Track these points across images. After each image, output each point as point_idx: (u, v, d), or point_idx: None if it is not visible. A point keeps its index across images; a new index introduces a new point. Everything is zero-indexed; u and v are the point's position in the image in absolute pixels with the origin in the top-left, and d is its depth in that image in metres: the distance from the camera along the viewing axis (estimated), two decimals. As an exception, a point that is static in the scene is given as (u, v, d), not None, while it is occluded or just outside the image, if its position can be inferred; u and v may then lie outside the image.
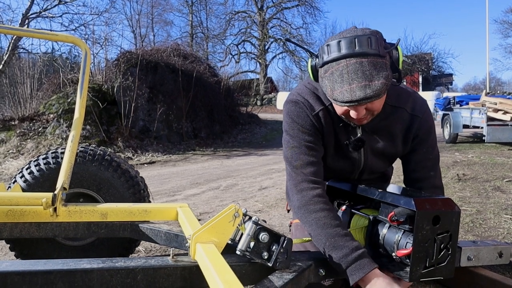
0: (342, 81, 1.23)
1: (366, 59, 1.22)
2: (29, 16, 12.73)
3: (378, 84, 1.21)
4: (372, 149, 1.54)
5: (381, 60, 1.24)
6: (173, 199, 4.39)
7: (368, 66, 1.22)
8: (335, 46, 1.26)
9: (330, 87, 1.26)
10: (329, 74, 1.27)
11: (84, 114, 2.05)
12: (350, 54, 1.23)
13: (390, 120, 1.49)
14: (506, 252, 1.65)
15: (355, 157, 1.55)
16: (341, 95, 1.23)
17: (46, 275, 1.09)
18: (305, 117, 1.47)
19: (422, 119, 1.51)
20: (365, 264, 1.23)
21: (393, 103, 1.48)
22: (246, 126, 14.37)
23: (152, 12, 31.33)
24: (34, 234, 1.71)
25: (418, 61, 29.62)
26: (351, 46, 1.23)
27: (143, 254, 2.52)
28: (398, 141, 1.53)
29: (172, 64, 11.31)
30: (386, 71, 1.24)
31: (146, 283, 1.17)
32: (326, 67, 1.29)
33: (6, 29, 2.25)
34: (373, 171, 1.64)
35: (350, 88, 1.21)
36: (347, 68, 1.23)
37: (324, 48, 1.29)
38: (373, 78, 1.21)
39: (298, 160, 1.45)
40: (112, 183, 2.04)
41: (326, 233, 1.30)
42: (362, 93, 1.20)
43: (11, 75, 11.51)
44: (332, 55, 1.26)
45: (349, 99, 1.22)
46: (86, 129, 8.91)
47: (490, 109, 8.64)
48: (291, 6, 31.96)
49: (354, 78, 1.21)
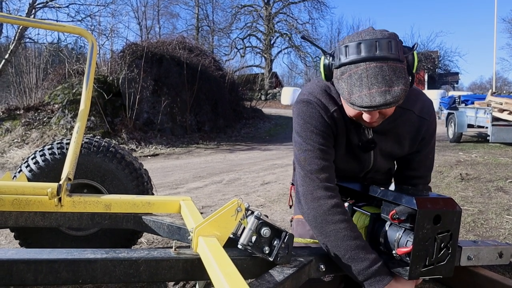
0: (361, 85, 1.19)
1: (386, 64, 1.18)
2: (35, 5, 12.75)
3: (398, 90, 1.17)
4: (381, 150, 1.54)
5: (400, 65, 1.21)
6: (176, 192, 4.41)
7: (388, 71, 1.18)
8: (354, 48, 1.21)
9: (348, 90, 1.22)
10: (346, 76, 1.22)
11: (89, 106, 2.06)
12: (370, 57, 1.19)
13: (398, 122, 1.48)
14: (506, 253, 1.65)
15: (365, 158, 1.55)
16: (360, 99, 1.19)
17: (50, 264, 1.11)
18: (319, 117, 1.41)
19: (429, 122, 1.51)
20: (383, 277, 1.26)
21: (402, 105, 1.45)
22: (250, 120, 14.36)
23: (158, 4, 31.27)
24: (39, 223, 1.73)
25: (424, 59, 29.43)
26: (371, 50, 1.19)
27: (145, 245, 2.54)
28: (405, 143, 1.53)
29: (177, 57, 11.29)
30: (405, 77, 1.21)
31: (148, 274, 1.19)
32: (343, 69, 1.24)
33: (14, 19, 2.26)
34: (379, 170, 1.65)
35: (370, 93, 1.17)
36: (367, 72, 1.18)
37: (342, 49, 1.24)
38: (393, 84, 1.17)
39: (313, 165, 1.39)
40: (116, 175, 2.06)
41: (346, 245, 1.28)
42: (382, 99, 1.17)
43: (17, 65, 11.55)
44: (351, 57, 1.21)
45: (369, 104, 1.18)
46: (91, 120, 8.94)
47: (496, 109, 8.59)
48: (298, 1, 31.79)
49: (374, 83, 1.17)
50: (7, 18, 2.18)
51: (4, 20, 2.25)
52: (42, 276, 1.10)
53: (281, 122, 15.16)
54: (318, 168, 1.39)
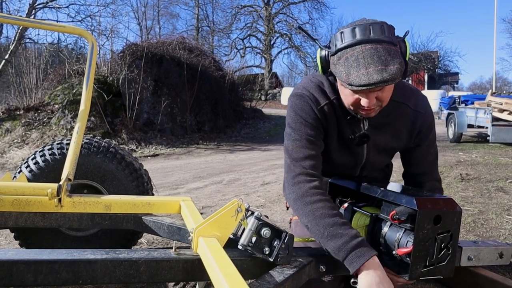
0: (358, 66, 1.23)
1: (381, 46, 1.23)
2: (35, 6, 12.76)
3: (394, 69, 1.21)
4: (375, 145, 1.55)
5: (394, 47, 1.26)
6: (176, 192, 4.41)
7: (383, 52, 1.23)
8: (349, 33, 1.26)
9: (346, 72, 1.25)
10: (343, 60, 1.27)
11: (89, 106, 2.06)
12: (365, 40, 1.24)
13: (393, 115, 1.51)
14: (507, 253, 1.65)
15: (358, 152, 1.56)
16: (358, 78, 1.22)
17: (50, 265, 1.11)
18: (310, 110, 1.46)
19: (425, 115, 1.53)
20: (364, 252, 1.21)
21: (397, 98, 1.49)
22: (250, 121, 14.36)
23: (158, 5, 31.28)
24: (39, 224, 1.73)
25: (424, 59, 29.43)
26: (365, 33, 1.24)
27: (145, 246, 2.54)
28: (401, 137, 1.55)
29: (177, 57, 11.29)
30: (399, 58, 1.25)
31: (148, 274, 1.19)
32: (339, 54, 1.28)
33: (14, 19, 2.26)
34: (374, 166, 1.65)
35: (367, 72, 1.21)
36: (363, 53, 1.23)
37: (337, 35, 1.30)
38: (388, 63, 1.22)
39: (299, 153, 1.44)
40: (116, 175, 2.06)
41: (324, 223, 1.29)
42: (379, 76, 1.20)
43: (17, 65, 11.55)
44: (346, 42, 1.26)
45: (366, 82, 1.21)
46: (91, 120, 8.94)
47: (496, 109, 8.60)
48: (298, 1, 31.79)
49: (370, 62, 1.22)
50: (7, 18, 2.18)
51: (4, 20, 2.25)
52: (42, 276, 1.10)
53: (281, 123, 15.15)
54: (303, 156, 1.43)
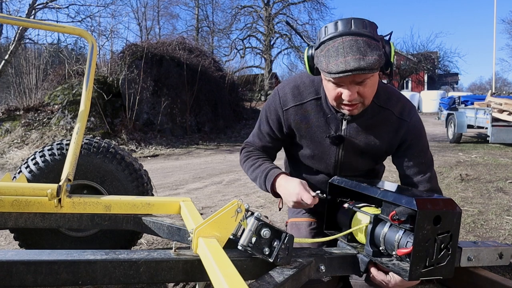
0: (337, 55, 1.26)
1: (361, 38, 1.27)
2: (35, 6, 12.76)
3: (372, 59, 1.24)
4: (353, 147, 1.56)
5: (374, 42, 1.28)
6: (175, 193, 4.41)
7: (362, 43, 1.26)
8: (332, 26, 1.31)
9: (325, 61, 1.29)
10: (325, 51, 1.30)
11: (89, 106, 2.06)
12: (346, 32, 1.27)
13: (375, 119, 1.51)
14: (507, 254, 1.65)
15: (332, 152, 1.58)
16: (336, 66, 1.26)
17: (50, 265, 1.11)
18: (274, 110, 1.61)
19: (410, 124, 1.51)
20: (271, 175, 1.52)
21: (381, 103, 1.49)
22: (250, 121, 14.36)
23: (158, 5, 31.25)
24: (39, 225, 1.73)
25: (424, 60, 29.45)
26: (347, 26, 1.28)
27: (145, 246, 2.54)
28: (382, 142, 1.54)
29: (177, 57, 11.30)
30: (379, 51, 1.28)
31: (148, 275, 1.19)
32: (322, 46, 1.33)
33: (14, 20, 2.26)
34: (353, 168, 1.64)
35: (345, 60, 1.24)
36: (343, 44, 1.26)
37: (322, 30, 1.35)
38: (367, 53, 1.25)
39: (251, 139, 1.76)
40: (116, 176, 2.06)
41: (251, 172, 1.63)
42: (356, 64, 1.23)
43: (17, 65, 11.55)
44: (329, 34, 1.30)
45: (343, 68, 1.24)
46: (90, 120, 8.94)
47: (495, 109, 8.60)
48: (298, 1, 31.79)
49: (349, 52, 1.25)
50: (7, 19, 2.18)
51: (4, 21, 2.25)
52: (42, 277, 1.10)
53: (281, 123, 15.12)
54: (253, 141, 1.75)
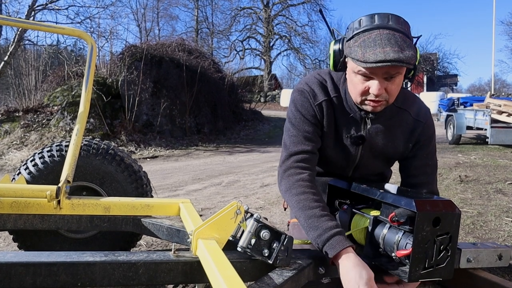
0: (375, 45, 1.24)
1: (398, 34, 1.26)
2: (35, 8, 12.76)
3: (409, 54, 1.23)
4: (371, 148, 1.55)
5: (410, 40, 1.28)
6: (175, 194, 4.41)
7: (399, 38, 1.25)
8: (368, 18, 1.29)
9: (362, 51, 1.26)
10: (360, 41, 1.28)
11: (89, 108, 2.06)
12: (384, 26, 1.26)
13: (393, 120, 1.51)
14: (506, 255, 1.65)
15: (351, 152, 1.56)
16: (374, 55, 1.23)
17: (49, 267, 1.10)
18: (308, 106, 1.49)
19: (425, 125, 1.52)
20: (336, 243, 1.24)
21: (399, 104, 1.49)
22: (249, 122, 14.36)
23: (157, 6, 31.24)
24: (38, 226, 1.73)
25: (423, 61, 29.47)
26: (384, 20, 1.28)
27: (144, 248, 2.54)
28: (399, 143, 1.54)
29: (176, 59, 11.30)
30: (414, 48, 1.28)
31: (147, 277, 1.19)
32: (356, 37, 1.30)
33: (13, 21, 2.27)
34: (368, 170, 1.64)
35: (384, 50, 1.22)
36: (381, 36, 1.25)
37: (355, 22, 1.32)
38: (404, 48, 1.23)
39: (294, 148, 1.48)
40: (115, 177, 2.06)
41: (304, 215, 1.34)
42: (395, 55, 1.21)
43: (16, 67, 11.55)
44: (364, 26, 1.29)
45: (383, 58, 1.22)
46: (90, 122, 8.93)
47: (494, 111, 8.61)
48: (297, 3, 31.85)
49: (387, 44, 1.23)
50: (7, 20, 2.18)
51: (4, 22, 2.25)
52: (41, 279, 1.10)
53: (280, 124, 15.14)
54: (297, 150, 1.48)
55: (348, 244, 1.24)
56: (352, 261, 1.20)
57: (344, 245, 1.23)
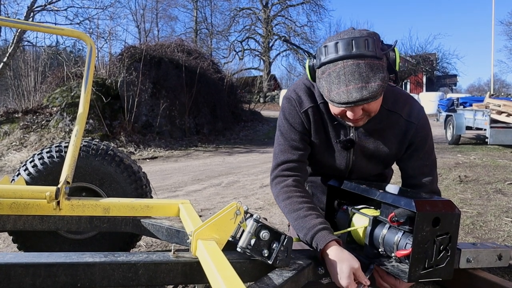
0: (339, 83, 1.24)
1: (363, 61, 1.23)
2: (34, 9, 12.75)
3: (375, 86, 1.22)
4: (363, 151, 1.55)
5: (377, 62, 1.25)
6: (174, 195, 4.41)
7: (365, 67, 1.23)
8: (332, 47, 1.27)
9: (327, 88, 1.27)
10: (326, 75, 1.28)
11: (88, 109, 2.06)
12: (347, 55, 1.24)
13: (384, 124, 1.50)
14: (506, 255, 1.65)
15: (343, 156, 1.57)
16: (338, 96, 1.24)
17: (49, 268, 1.10)
18: (295, 114, 1.52)
19: (418, 126, 1.51)
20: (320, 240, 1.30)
21: (389, 107, 1.49)
22: (248, 123, 14.36)
23: (157, 7, 31.33)
24: (37, 227, 1.73)
25: (423, 62, 29.51)
26: (348, 48, 1.24)
27: (144, 248, 2.53)
28: (391, 146, 1.54)
29: (176, 59, 11.30)
30: (382, 72, 1.25)
31: (147, 277, 1.19)
32: (323, 68, 1.30)
33: (12, 22, 2.27)
34: (363, 173, 1.64)
35: (347, 89, 1.22)
36: (344, 69, 1.24)
37: (322, 49, 1.30)
38: (369, 79, 1.22)
39: (280, 157, 1.54)
40: (114, 178, 2.05)
41: (292, 218, 1.42)
42: (358, 95, 1.21)
43: (15, 68, 11.53)
44: (329, 57, 1.27)
45: (346, 100, 1.23)
46: (89, 123, 8.92)
47: (494, 111, 8.62)
48: (296, 3, 31.89)
49: (351, 79, 1.22)
50: (6, 21, 2.18)
51: (3, 23, 2.25)
52: (41, 280, 1.10)
53: (279, 125, 15.13)
54: (284, 160, 1.53)
55: (330, 239, 1.29)
56: (333, 256, 1.25)
57: (326, 241, 1.29)
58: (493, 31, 20.01)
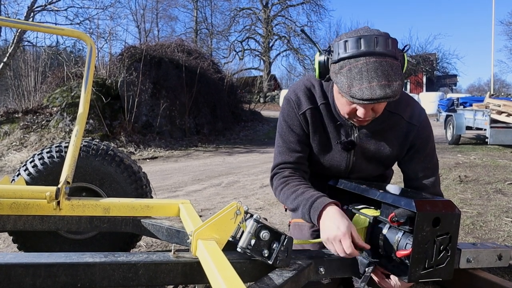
0: (361, 78, 1.21)
1: (385, 60, 1.22)
2: (34, 9, 12.76)
3: (396, 85, 1.21)
4: (363, 152, 1.55)
5: (397, 62, 1.25)
6: (174, 195, 4.41)
7: (387, 66, 1.21)
8: (354, 42, 1.24)
9: (348, 84, 1.23)
10: (346, 70, 1.24)
11: (88, 109, 2.06)
12: (370, 52, 1.22)
13: (385, 125, 1.50)
14: (506, 255, 1.65)
15: (343, 157, 1.56)
16: (360, 92, 1.21)
17: (49, 268, 1.10)
18: (293, 116, 1.53)
19: (419, 128, 1.51)
20: (318, 205, 1.33)
21: (391, 109, 1.48)
22: (248, 123, 14.36)
23: (157, 7, 31.29)
24: (37, 227, 1.73)
25: (423, 62, 29.51)
26: (371, 45, 1.22)
27: (144, 249, 2.53)
28: (392, 147, 1.53)
29: (176, 59, 11.30)
30: (401, 74, 1.25)
31: (147, 278, 1.19)
32: (342, 63, 1.26)
33: (12, 22, 2.27)
34: (364, 173, 1.64)
35: (370, 86, 1.20)
36: (367, 66, 1.21)
37: (341, 44, 1.27)
38: (391, 78, 1.21)
39: (280, 159, 1.57)
40: (114, 178, 2.05)
41: (291, 200, 1.44)
42: (382, 92, 1.19)
43: (15, 68, 11.53)
44: (350, 52, 1.24)
45: (369, 96, 1.20)
46: (89, 123, 8.92)
47: (494, 111, 8.62)
48: (296, 3, 31.89)
49: (374, 76, 1.20)
50: (6, 21, 2.18)
51: (3, 23, 2.25)
52: (41, 280, 1.10)
53: (280, 125, 15.12)
54: (282, 161, 1.56)
55: (328, 201, 1.31)
56: (331, 213, 1.28)
57: (323, 203, 1.31)
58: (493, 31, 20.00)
